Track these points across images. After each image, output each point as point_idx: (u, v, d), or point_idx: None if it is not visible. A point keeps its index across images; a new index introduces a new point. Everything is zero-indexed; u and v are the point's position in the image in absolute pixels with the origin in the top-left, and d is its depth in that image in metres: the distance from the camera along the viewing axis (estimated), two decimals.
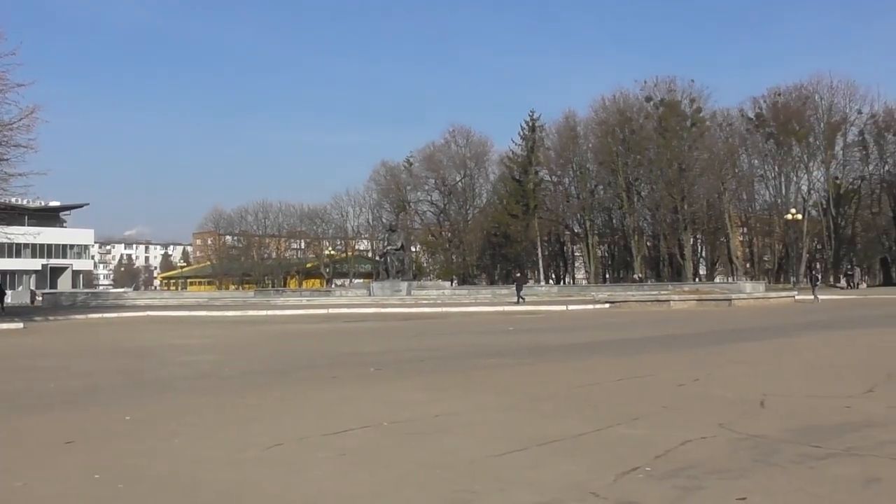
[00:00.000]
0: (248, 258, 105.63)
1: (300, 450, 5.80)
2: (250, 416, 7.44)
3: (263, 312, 36.34)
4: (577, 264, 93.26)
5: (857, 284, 58.01)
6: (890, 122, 74.53)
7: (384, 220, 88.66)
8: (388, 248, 58.51)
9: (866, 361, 11.01)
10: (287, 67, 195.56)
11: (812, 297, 38.43)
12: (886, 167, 75.99)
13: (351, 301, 46.87)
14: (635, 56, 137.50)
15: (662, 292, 40.14)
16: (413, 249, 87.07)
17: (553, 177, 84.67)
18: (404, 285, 52.52)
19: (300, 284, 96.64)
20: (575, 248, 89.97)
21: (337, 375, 10.82)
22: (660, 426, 6.39)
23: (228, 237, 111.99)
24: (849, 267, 69.74)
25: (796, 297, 39.52)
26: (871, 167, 76.43)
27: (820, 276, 43.32)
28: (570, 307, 34.97)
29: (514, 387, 9.21)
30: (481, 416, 7.18)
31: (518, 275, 48.64)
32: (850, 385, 8.40)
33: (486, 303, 41.74)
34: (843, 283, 62.33)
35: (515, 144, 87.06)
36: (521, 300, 40.18)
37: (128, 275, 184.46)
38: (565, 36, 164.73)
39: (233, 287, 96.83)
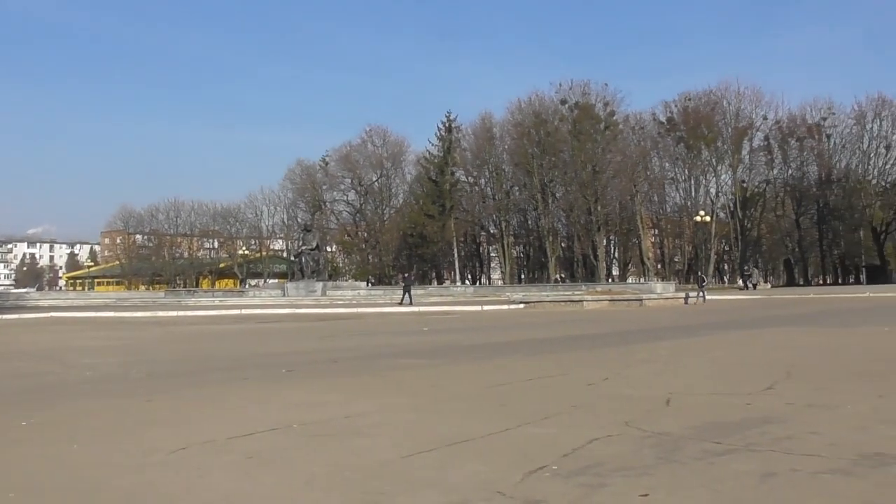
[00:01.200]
0: (158, 258, 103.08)
1: (205, 453, 5.65)
2: (155, 420, 7.22)
3: (174, 313, 35.47)
4: (492, 265, 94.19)
5: (756, 285, 59.85)
6: (793, 128, 77.72)
7: (299, 220, 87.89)
8: (304, 248, 57.92)
9: (767, 359, 11.37)
10: (199, 62, 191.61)
11: (698, 297, 38.99)
12: (790, 171, 79.21)
13: (265, 301, 46.22)
14: (551, 59, 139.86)
15: (576, 293, 40.78)
16: (328, 249, 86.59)
17: (469, 177, 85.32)
18: (319, 286, 52.07)
19: (213, 285, 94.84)
20: (491, 248, 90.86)
21: (247, 377, 10.61)
22: (568, 425, 6.46)
23: (138, 236, 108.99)
24: (746, 268, 72.14)
25: (690, 298, 39.93)
26: (775, 171, 79.54)
27: (706, 278, 43.81)
28: (486, 307, 35.21)
29: (425, 387, 9.20)
30: (392, 417, 7.13)
31: (405, 275, 48.07)
32: (751, 383, 8.66)
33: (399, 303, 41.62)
34: (740, 283, 64.40)
35: (432, 145, 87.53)
36: (407, 300, 39.38)
37: (31, 275, 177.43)
38: (482, 37, 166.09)
39: (143, 287, 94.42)
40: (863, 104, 76.51)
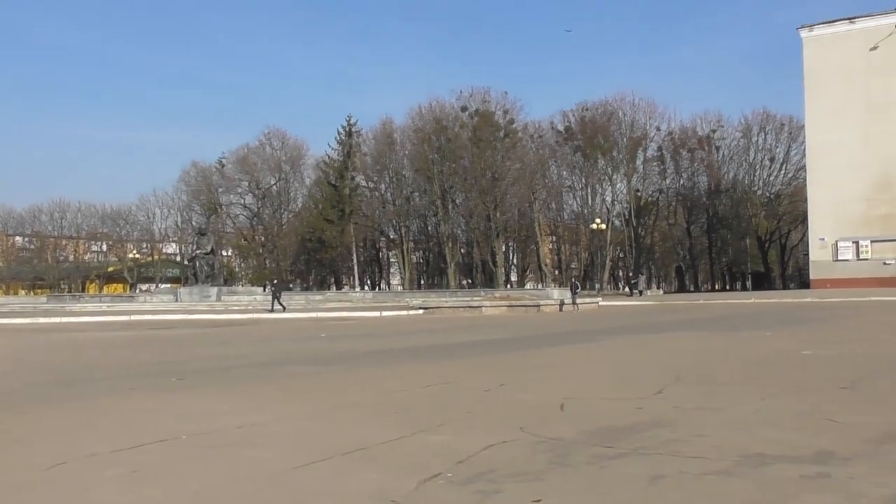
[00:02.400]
0: (41, 261, 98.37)
1: (86, 468, 5.40)
2: (31, 434, 6.87)
3: (57, 319, 34.04)
4: (392, 270, 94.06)
5: (642, 292, 61.37)
6: (685, 139, 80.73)
7: (194, 223, 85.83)
8: (198, 252, 56.53)
9: (658, 364, 11.68)
10: (87, 57, 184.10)
11: (571, 304, 37.78)
12: (681, 181, 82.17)
13: (156, 307, 44.88)
14: (452, 66, 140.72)
15: (475, 298, 41.11)
16: (224, 254, 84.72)
17: (370, 183, 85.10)
18: (214, 291, 50.91)
19: (101, 290, 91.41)
20: (390, 254, 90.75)
21: (135, 386, 10.24)
22: (464, 431, 6.46)
23: (18, 238, 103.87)
24: (632, 275, 74.17)
25: (566, 306, 39.61)
26: (667, 181, 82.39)
27: (580, 284, 43.55)
28: (385, 313, 35.10)
29: (321, 395, 9.07)
30: (286, 426, 6.99)
31: (276, 281, 47.29)
32: (642, 387, 8.87)
33: (299, 309, 41.12)
34: (626, 290, 66.12)
35: (332, 149, 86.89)
36: (277, 307, 38.40)
37: None
38: (384, 41, 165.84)
39: (23, 292, 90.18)
40: (749, 118, 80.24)
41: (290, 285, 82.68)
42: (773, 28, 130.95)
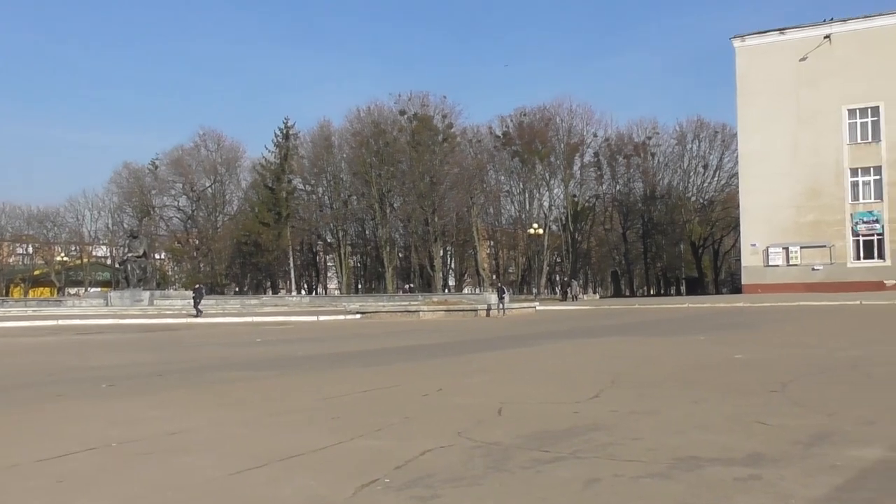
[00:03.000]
0: None
1: (8, 480, 5.21)
2: None
3: None
4: (329, 274, 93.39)
5: (576, 297, 61.81)
6: (621, 145, 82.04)
7: (126, 226, 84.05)
8: (129, 255, 55.35)
9: (595, 368, 11.81)
10: (12, 53, 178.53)
11: (498, 309, 36.48)
12: (617, 187, 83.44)
13: (85, 312, 43.80)
14: (391, 68, 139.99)
15: (413, 303, 41.07)
16: (157, 257, 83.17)
17: (307, 186, 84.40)
18: (146, 295, 49.91)
19: (26, 294, 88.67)
20: (328, 258, 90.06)
21: (63, 393, 9.95)
22: (401, 437, 6.43)
23: None
24: (566, 280, 74.87)
25: (492, 311, 39.18)
26: (604, 186, 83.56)
27: (506, 289, 41.12)
28: (322, 318, 34.85)
29: (257, 400, 8.94)
30: (221, 433, 6.87)
31: (197, 286, 47.08)
32: (579, 391, 8.95)
33: (234, 313, 40.57)
34: (559, 294, 66.66)
35: (269, 151, 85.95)
36: (198, 313, 38.52)
37: None
38: (322, 43, 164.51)
39: None
40: (684, 125, 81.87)
41: (225, 290, 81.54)
42: (708, 37, 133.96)
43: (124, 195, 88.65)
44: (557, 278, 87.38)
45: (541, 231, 73.08)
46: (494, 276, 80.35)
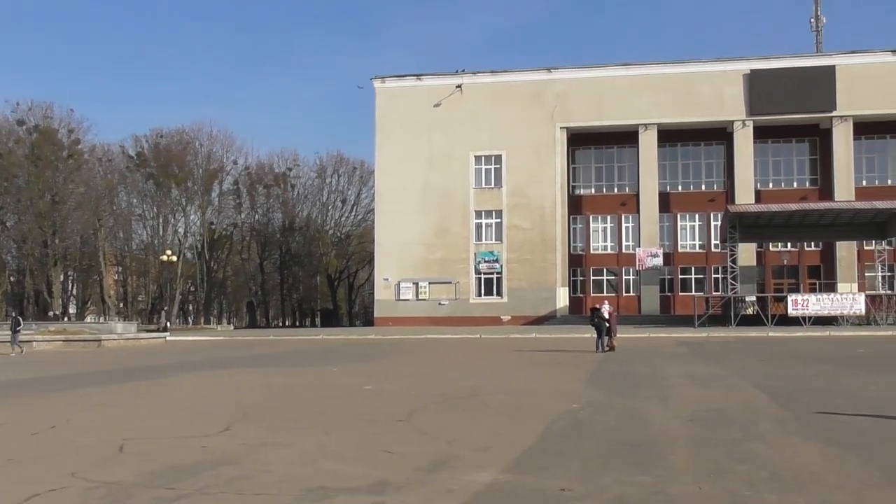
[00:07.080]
0: None
1: None
2: None
3: None
4: None
5: (166, 327, 58.64)
6: (261, 174, 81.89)
7: None
8: None
9: (226, 401, 11.56)
10: None
11: (13, 347, 29.42)
12: (256, 217, 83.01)
13: None
14: (6, 74, 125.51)
15: (25, 333, 37.10)
16: None
17: None
18: None
19: None
20: None
21: None
22: (4, 482, 5.75)
23: None
24: (166, 309, 71.95)
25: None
26: (243, 215, 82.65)
27: (21, 320, 33.65)
28: None
29: None
30: None
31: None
32: (209, 424, 8.70)
33: None
34: (160, 324, 63.73)
35: None
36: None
37: None
38: None
39: None
40: (324, 159, 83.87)
41: None
42: (351, 75, 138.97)
43: None
44: (191, 308, 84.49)
45: (174, 258, 70.28)
46: (135, 305, 75.32)
